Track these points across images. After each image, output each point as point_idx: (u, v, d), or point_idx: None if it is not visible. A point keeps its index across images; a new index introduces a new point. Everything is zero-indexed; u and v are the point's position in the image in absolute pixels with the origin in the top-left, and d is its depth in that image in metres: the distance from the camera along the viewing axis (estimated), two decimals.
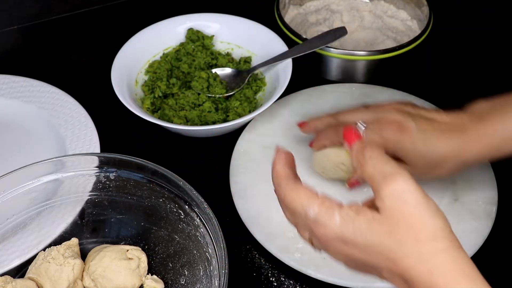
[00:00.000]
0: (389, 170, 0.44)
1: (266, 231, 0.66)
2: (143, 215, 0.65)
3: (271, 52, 0.82)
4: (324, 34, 0.82)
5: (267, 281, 0.65)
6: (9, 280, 0.59)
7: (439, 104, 0.82)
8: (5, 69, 0.86)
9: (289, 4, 0.94)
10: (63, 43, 0.96)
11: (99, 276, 0.61)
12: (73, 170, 0.64)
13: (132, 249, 0.64)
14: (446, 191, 0.69)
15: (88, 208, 0.66)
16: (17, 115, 0.80)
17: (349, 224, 0.44)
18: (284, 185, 0.48)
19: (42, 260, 0.61)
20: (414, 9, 0.91)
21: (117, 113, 0.79)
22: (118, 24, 0.98)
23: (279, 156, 0.50)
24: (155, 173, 0.62)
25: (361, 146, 0.47)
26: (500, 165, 0.72)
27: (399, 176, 0.43)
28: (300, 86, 0.83)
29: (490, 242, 0.66)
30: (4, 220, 0.62)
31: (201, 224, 0.60)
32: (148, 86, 0.82)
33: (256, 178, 0.72)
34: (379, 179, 0.44)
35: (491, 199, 0.69)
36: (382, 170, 0.44)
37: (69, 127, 0.77)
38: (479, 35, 0.95)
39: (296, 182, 0.48)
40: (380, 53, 0.81)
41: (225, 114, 0.79)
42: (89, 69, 0.91)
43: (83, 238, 0.66)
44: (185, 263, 0.63)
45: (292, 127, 0.78)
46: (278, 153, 0.50)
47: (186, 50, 0.86)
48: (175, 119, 0.77)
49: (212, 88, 0.80)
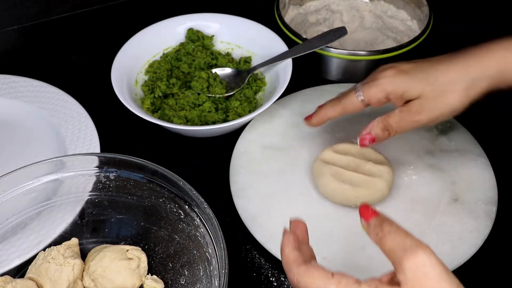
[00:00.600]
0: (409, 243, 0.43)
1: (266, 231, 0.67)
2: (143, 215, 0.65)
3: (271, 52, 0.82)
4: (324, 34, 0.82)
5: (267, 281, 0.65)
6: (9, 280, 0.59)
7: None
8: (5, 69, 0.86)
9: (289, 4, 0.94)
10: (63, 43, 0.96)
11: (99, 276, 0.61)
12: (73, 170, 0.64)
13: (132, 249, 0.64)
14: (446, 191, 0.69)
15: (88, 208, 0.66)
16: (17, 115, 0.80)
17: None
18: (296, 270, 0.47)
19: (42, 260, 0.61)
20: (414, 9, 0.91)
21: (117, 113, 0.79)
22: (118, 24, 0.98)
23: (286, 239, 0.49)
24: (155, 173, 0.62)
25: (379, 221, 0.46)
26: (500, 165, 0.72)
27: (420, 249, 0.43)
28: (300, 86, 0.83)
29: (490, 242, 0.66)
30: (4, 220, 0.62)
31: (201, 224, 0.60)
32: (148, 86, 0.82)
33: (256, 178, 0.72)
34: (399, 253, 0.43)
35: (491, 199, 0.69)
36: (403, 244, 0.44)
37: (69, 127, 0.77)
38: (479, 35, 0.95)
39: (308, 264, 0.47)
40: (380, 53, 0.81)
41: (225, 114, 0.79)
42: (89, 69, 0.91)
43: (83, 238, 0.66)
44: (185, 263, 0.63)
45: (292, 127, 0.78)
46: (286, 235, 0.49)
47: (186, 50, 0.86)
48: (175, 119, 0.77)
49: (212, 88, 0.80)
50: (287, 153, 0.75)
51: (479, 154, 0.73)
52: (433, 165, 0.72)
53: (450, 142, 0.75)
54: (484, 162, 0.72)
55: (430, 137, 0.75)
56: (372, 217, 0.47)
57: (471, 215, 0.67)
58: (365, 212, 0.48)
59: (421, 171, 0.72)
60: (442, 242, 0.64)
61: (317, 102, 0.81)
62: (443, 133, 0.76)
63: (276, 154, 0.75)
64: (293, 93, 0.82)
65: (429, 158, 0.73)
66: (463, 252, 0.64)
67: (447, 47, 0.92)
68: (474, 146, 0.74)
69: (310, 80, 0.85)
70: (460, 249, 0.64)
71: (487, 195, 0.69)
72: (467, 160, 0.73)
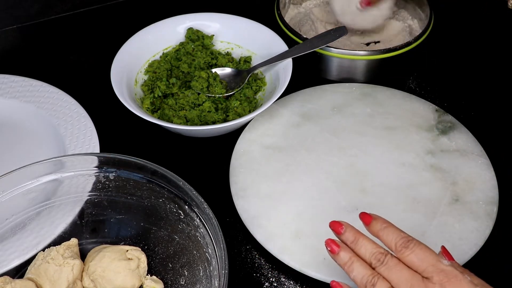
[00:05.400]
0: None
1: (266, 231, 0.66)
2: (143, 215, 0.65)
3: (271, 52, 0.82)
4: (324, 34, 0.82)
5: (267, 282, 0.65)
6: (8, 281, 0.59)
7: (439, 103, 0.82)
8: (4, 69, 0.86)
9: (289, 3, 0.94)
10: (63, 42, 0.96)
11: (99, 276, 0.61)
12: (73, 170, 0.64)
13: (131, 249, 0.64)
14: (447, 191, 0.69)
15: (87, 208, 0.66)
16: (16, 115, 0.80)
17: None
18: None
19: (41, 260, 0.61)
20: (414, 8, 0.91)
21: (117, 113, 0.79)
22: (117, 24, 0.98)
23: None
24: (155, 173, 0.62)
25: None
26: (501, 165, 0.72)
27: None
28: (300, 86, 0.83)
29: (490, 242, 0.65)
30: (3, 220, 0.62)
31: (201, 224, 0.60)
32: (147, 86, 0.82)
33: (256, 178, 0.72)
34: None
35: (492, 199, 0.68)
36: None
37: (69, 127, 0.77)
38: (479, 35, 0.95)
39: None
40: (380, 53, 0.81)
41: (225, 114, 0.78)
42: (88, 69, 0.90)
43: (83, 239, 0.66)
44: (185, 264, 0.63)
45: (292, 127, 0.78)
46: None
47: (186, 49, 0.85)
48: (175, 119, 0.77)
49: (212, 88, 0.80)
50: (287, 153, 0.75)
51: (480, 154, 0.73)
52: (434, 165, 0.72)
53: (450, 142, 0.75)
54: (485, 162, 0.72)
55: (430, 137, 0.75)
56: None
57: (471, 215, 0.67)
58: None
59: (422, 171, 0.72)
60: (443, 242, 0.64)
61: (317, 102, 0.81)
62: (443, 133, 0.76)
63: (276, 154, 0.75)
64: (293, 93, 0.82)
65: (430, 158, 0.73)
66: (463, 252, 0.64)
67: (447, 47, 0.93)
68: (474, 146, 0.74)
69: (310, 80, 0.85)
70: (460, 249, 0.64)
71: (488, 195, 0.69)
72: (468, 160, 0.73)
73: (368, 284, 0.51)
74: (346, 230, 0.54)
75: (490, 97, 0.85)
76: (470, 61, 0.90)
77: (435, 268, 0.50)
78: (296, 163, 0.73)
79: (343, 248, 0.53)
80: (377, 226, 0.54)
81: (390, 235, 0.53)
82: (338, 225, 0.54)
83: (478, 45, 0.93)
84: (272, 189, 0.71)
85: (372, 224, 0.54)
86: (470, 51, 0.92)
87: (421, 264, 0.50)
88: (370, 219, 0.54)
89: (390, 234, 0.53)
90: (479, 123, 0.79)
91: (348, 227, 0.54)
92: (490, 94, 0.85)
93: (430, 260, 0.50)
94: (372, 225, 0.54)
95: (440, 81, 0.87)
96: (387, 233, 0.53)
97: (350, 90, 0.82)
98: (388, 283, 0.50)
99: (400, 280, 0.50)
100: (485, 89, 0.86)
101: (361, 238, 0.53)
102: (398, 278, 0.50)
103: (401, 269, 0.50)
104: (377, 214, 0.55)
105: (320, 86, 0.83)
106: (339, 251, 0.53)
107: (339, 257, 0.53)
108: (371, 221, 0.54)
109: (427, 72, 0.89)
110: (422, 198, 0.69)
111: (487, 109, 0.83)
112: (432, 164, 0.72)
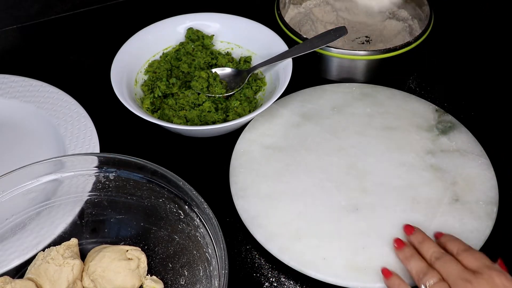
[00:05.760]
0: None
1: (266, 231, 0.66)
2: (143, 215, 0.65)
3: (271, 52, 0.82)
4: (324, 34, 0.82)
5: (267, 281, 0.65)
6: (8, 281, 0.59)
7: (439, 103, 0.82)
8: (4, 69, 0.86)
9: (289, 3, 0.94)
10: (63, 42, 0.96)
11: (99, 276, 0.61)
12: (73, 170, 0.64)
13: (131, 249, 0.64)
14: (447, 191, 0.69)
15: (87, 208, 0.66)
16: (17, 115, 0.80)
17: None
18: None
19: (41, 260, 0.61)
20: (414, 8, 0.91)
21: (117, 113, 0.79)
22: (117, 24, 0.98)
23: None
24: (155, 173, 0.62)
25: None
26: (501, 165, 0.72)
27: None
28: (300, 86, 0.83)
29: (490, 242, 0.65)
30: (3, 220, 0.62)
31: (201, 224, 0.60)
32: (147, 86, 0.82)
33: (256, 178, 0.72)
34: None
35: (492, 199, 0.68)
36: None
37: (69, 127, 0.77)
38: (479, 35, 0.95)
39: None
40: (380, 53, 0.81)
41: (225, 114, 0.78)
42: (88, 69, 0.90)
43: (83, 239, 0.66)
44: (185, 264, 0.63)
45: (292, 127, 0.78)
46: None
47: (186, 49, 0.85)
48: (175, 119, 0.77)
49: (212, 88, 0.80)
50: (287, 153, 0.75)
51: (480, 154, 0.73)
52: (434, 165, 0.72)
53: (450, 142, 0.75)
54: (485, 162, 0.72)
55: (430, 137, 0.75)
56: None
57: (471, 215, 0.67)
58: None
59: (422, 171, 0.71)
60: None
61: (317, 102, 0.81)
62: (443, 133, 0.76)
63: (276, 154, 0.75)
64: (293, 93, 0.82)
65: (430, 158, 0.73)
66: None
67: (447, 47, 0.93)
68: (475, 146, 0.74)
69: (310, 80, 0.85)
70: None
71: (488, 195, 0.69)
72: (468, 160, 0.73)
73: (421, 273, 0.58)
74: (417, 232, 0.63)
75: (490, 97, 0.85)
76: (470, 61, 0.90)
77: (487, 267, 0.56)
78: (296, 163, 0.73)
79: (408, 244, 0.63)
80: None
81: (450, 244, 0.61)
82: (410, 228, 0.64)
83: (478, 45, 0.93)
84: (272, 189, 0.71)
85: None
86: (470, 51, 0.92)
87: (475, 265, 0.57)
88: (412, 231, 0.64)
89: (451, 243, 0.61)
90: (479, 123, 0.79)
91: (418, 230, 0.64)
92: (490, 94, 0.85)
93: (485, 261, 0.57)
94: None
95: (440, 81, 0.87)
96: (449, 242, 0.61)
97: (350, 90, 0.82)
98: (439, 275, 0.57)
99: (451, 273, 0.56)
100: (485, 89, 0.86)
101: (428, 239, 0.62)
102: (449, 271, 0.57)
103: (455, 264, 0.57)
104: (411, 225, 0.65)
105: (320, 86, 0.83)
106: (404, 247, 0.62)
107: (403, 252, 0.62)
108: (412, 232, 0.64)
109: (427, 72, 0.89)
110: (422, 198, 0.69)
111: (487, 109, 0.83)
112: (432, 164, 0.72)
